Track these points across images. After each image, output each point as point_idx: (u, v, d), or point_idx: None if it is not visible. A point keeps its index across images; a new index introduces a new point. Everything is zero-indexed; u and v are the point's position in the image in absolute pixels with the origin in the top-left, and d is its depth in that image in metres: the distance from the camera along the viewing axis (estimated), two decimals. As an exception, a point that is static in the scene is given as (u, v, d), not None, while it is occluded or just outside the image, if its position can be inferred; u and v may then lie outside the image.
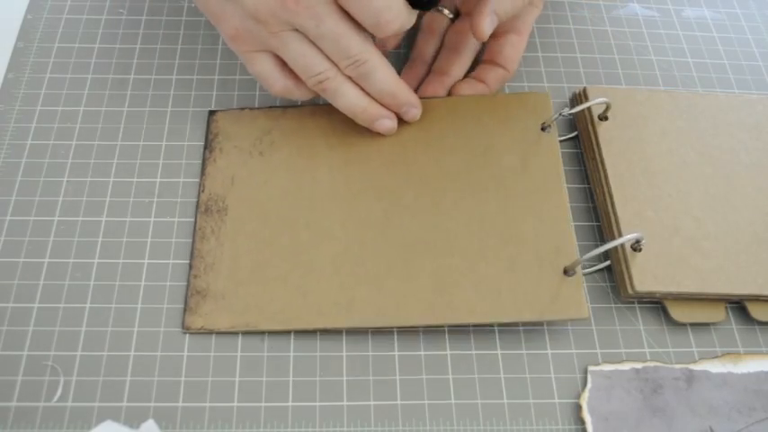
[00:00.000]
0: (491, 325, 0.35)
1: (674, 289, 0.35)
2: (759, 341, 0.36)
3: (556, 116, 0.39)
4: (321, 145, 0.39)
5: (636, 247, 0.36)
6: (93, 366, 0.33)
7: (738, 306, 0.37)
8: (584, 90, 0.42)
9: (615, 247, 0.36)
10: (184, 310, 0.34)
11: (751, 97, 0.43)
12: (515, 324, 0.35)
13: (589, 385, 0.34)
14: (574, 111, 0.39)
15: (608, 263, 0.37)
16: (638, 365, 0.35)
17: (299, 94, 0.37)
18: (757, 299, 0.36)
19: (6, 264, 0.36)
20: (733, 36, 0.48)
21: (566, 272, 0.34)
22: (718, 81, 0.46)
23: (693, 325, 0.36)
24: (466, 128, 0.39)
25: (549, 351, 0.35)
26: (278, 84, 0.36)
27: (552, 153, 0.38)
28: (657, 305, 0.37)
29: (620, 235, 0.36)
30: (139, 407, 0.32)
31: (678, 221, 0.37)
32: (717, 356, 0.35)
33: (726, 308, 0.36)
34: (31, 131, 0.40)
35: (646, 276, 0.35)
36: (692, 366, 0.35)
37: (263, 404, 0.33)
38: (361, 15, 0.32)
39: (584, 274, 0.37)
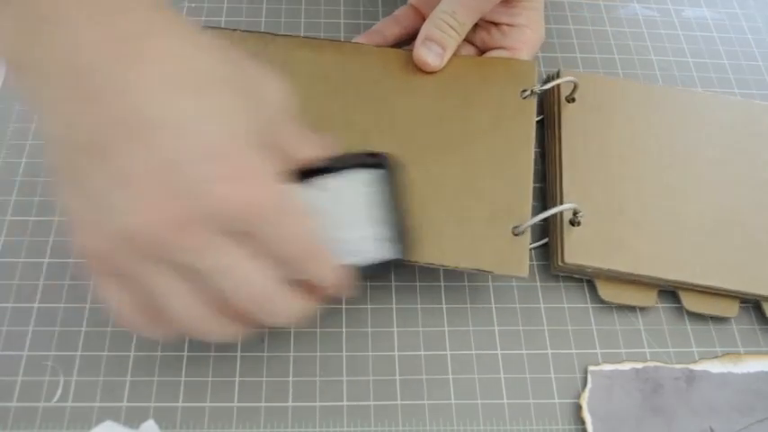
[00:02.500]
0: (431, 265, 0.34)
1: (604, 266, 0.35)
2: (759, 341, 0.36)
3: (527, 92, 0.39)
4: (303, 75, 0.39)
5: (574, 221, 0.36)
6: (93, 366, 0.33)
7: (745, 306, 0.37)
8: (558, 72, 0.42)
9: (554, 222, 0.37)
10: None
11: (729, 98, 0.43)
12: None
13: (589, 385, 0.34)
14: (544, 87, 0.39)
15: (546, 240, 0.38)
16: (638, 365, 0.35)
17: (156, 334, 0.28)
18: (692, 288, 0.36)
19: (6, 264, 0.36)
20: (733, 36, 0.48)
21: (514, 232, 0.34)
22: (718, 81, 0.46)
23: (621, 307, 0.36)
24: (446, 82, 0.39)
25: (549, 351, 0.35)
26: (132, 320, 0.27)
27: (526, 119, 0.38)
28: (659, 306, 0.37)
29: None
30: (139, 407, 0.32)
31: (624, 204, 0.37)
32: (717, 356, 0.35)
33: (657, 294, 0.36)
34: (31, 131, 0.40)
35: (578, 250, 0.35)
36: (692, 366, 0.35)
37: (263, 404, 0.33)
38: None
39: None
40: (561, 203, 0.36)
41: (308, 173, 0.31)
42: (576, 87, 0.40)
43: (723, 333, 0.36)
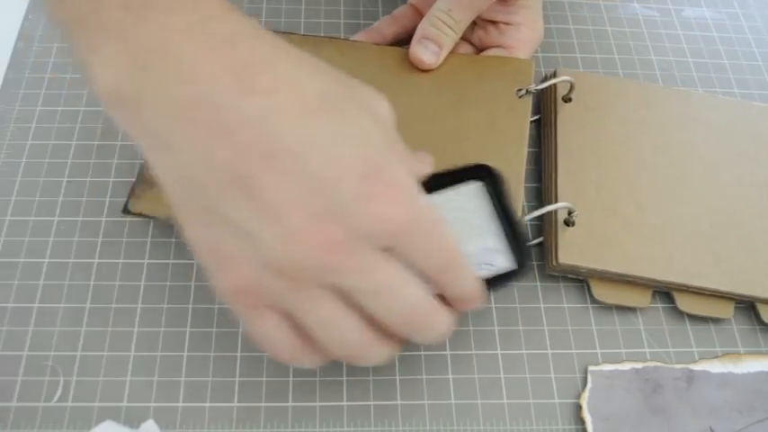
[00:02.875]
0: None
1: (598, 266, 0.35)
2: (759, 341, 0.36)
3: (522, 91, 0.39)
4: None
5: (569, 221, 0.36)
6: (93, 366, 0.33)
7: (744, 306, 0.37)
8: (555, 72, 0.42)
9: (549, 222, 0.37)
10: (129, 195, 0.35)
11: (725, 99, 0.43)
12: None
13: (589, 385, 0.34)
14: (540, 87, 0.39)
15: (541, 239, 0.38)
16: (638, 365, 0.35)
17: (311, 362, 0.27)
18: (686, 289, 0.36)
19: (6, 264, 0.36)
20: (733, 36, 0.48)
21: None
22: (718, 81, 0.46)
23: (621, 307, 0.36)
24: (442, 80, 0.39)
25: (549, 351, 0.35)
26: (288, 349, 0.27)
27: (521, 117, 0.38)
28: (658, 306, 0.37)
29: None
30: (139, 407, 0.32)
31: (619, 204, 0.37)
32: (717, 356, 0.35)
33: (652, 295, 0.36)
34: (31, 131, 0.40)
35: (572, 250, 0.35)
36: (692, 366, 0.35)
37: (263, 404, 0.33)
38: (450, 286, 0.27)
39: None
40: (556, 203, 0.36)
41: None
42: (572, 87, 0.40)
43: (723, 333, 0.36)
